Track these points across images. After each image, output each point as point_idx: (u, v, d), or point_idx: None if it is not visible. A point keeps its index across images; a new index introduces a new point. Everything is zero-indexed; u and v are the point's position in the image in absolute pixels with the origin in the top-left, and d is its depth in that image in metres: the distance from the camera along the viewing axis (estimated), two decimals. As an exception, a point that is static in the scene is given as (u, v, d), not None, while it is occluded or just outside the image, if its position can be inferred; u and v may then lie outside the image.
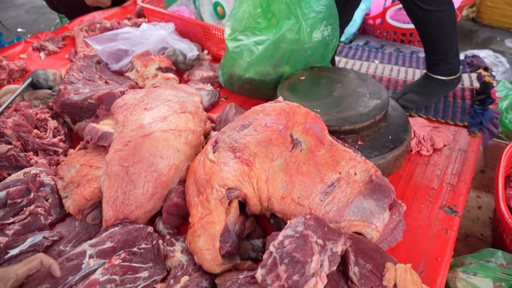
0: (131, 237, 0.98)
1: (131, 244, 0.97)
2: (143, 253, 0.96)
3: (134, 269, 0.91)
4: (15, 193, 1.08)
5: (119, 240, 0.96)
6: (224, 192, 0.95)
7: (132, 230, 0.99)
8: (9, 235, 1.02)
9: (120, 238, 0.97)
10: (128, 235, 0.98)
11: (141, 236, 0.99)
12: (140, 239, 0.99)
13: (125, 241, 0.97)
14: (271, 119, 1.07)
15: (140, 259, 0.95)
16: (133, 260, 0.93)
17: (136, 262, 0.93)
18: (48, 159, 1.27)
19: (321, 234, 0.81)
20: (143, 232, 1.00)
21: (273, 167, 1.02)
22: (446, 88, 1.57)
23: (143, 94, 1.26)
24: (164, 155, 1.06)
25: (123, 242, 0.96)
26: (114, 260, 0.89)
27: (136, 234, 0.99)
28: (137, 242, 0.98)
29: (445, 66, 1.51)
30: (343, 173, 1.04)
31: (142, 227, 1.00)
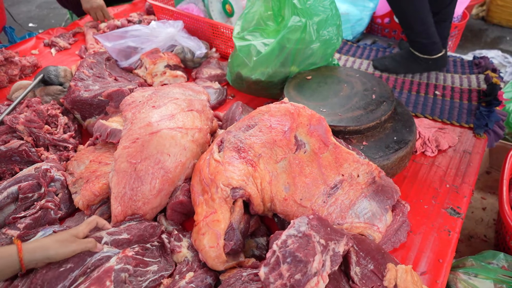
0: (147, 233, 1.01)
1: (146, 239, 1.00)
2: (154, 250, 1.00)
3: (145, 262, 0.95)
4: (27, 188, 1.11)
5: (135, 234, 0.99)
6: (229, 192, 0.97)
7: (149, 227, 1.03)
8: (21, 229, 1.05)
9: (137, 232, 1.00)
10: (145, 231, 1.01)
11: (155, 233, 1.03)
12: (154, 236, 1.02)
13: (141, 236, 1.00)
14: (276, 120, 1.09)
15: (151, 254, 0.98)
16: (145, 254, 0.97)
17: (148, 257, 0.97)
18: (59, 154, 1.29)
19: (324, 234, 0.83)
20: (157, 230, 1.04)
21: (277, 169, 1.04)
22: (419, 65, 1.76)
23: (151, 92, 1.28)
24: (171, 153, 1.08)
25: (139, 237, 0.99)
26: (128, 252, 0.93)
27: (152, 231, 1.03)
28: (151, 238, 1.02)
29: (412, 43, 1.71)
30: (346, 175, 1.05)
31: (157, 225, 1.04)
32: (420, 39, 1.65)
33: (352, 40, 2.10)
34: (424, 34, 1.63)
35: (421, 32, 1.62)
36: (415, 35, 1.65)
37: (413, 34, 1.66)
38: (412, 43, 1.71)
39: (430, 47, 1.68)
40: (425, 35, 1.63)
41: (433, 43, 1.66)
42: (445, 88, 1.69)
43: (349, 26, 2.06)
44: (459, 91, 1.66)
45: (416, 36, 1.65)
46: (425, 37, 1.64)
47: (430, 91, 1.68)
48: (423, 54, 1.71)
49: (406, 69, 1.78)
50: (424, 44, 1.67)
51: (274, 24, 1.53)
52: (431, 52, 1.71)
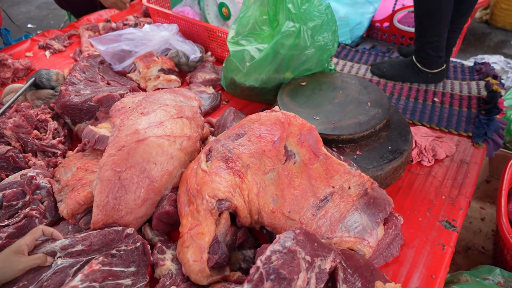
0: (107, 240, 0.95)
1: (108, 246, 0.94)
2: (123, 255, 0.93)
3: (114, 274, 0.88)
4: (11, 196, 1.09)
5: (92, 243, 0.93)
6: (214, 203, 0.94)
7: (107, 232, 0.96)
8: (3, 238, 1.02)
9: (93, 240, 0.94)
10: (103, 237, 0.95)
11: (119, 238, 0.96)
12: (118, 241, 0.95)
13: (100, 244, 0.94)
14: (266, 129, 1.06)
15: (120, 261, 0.92)
16: (112, 263, 0.90)
17: (117, 265, 0.90)
18: (47, 160, 1.27)
19: (310, 250, 0.80)
20: (121, 234, 0.96)
21: (265, 180, 1.01)
22: (417, 76, 1.73)
23: (142, 98, 1.26)
24: (158, 161, 1.05)
25: (97, 245, 0.93)
26: (94, 265, 0.86)
27: (112, 236, 0.96)
28: (115, 244, 0.95)
29: (417, 53, 1.66)
30: (336, 187, 1.02)
31: (120, 229, 0.97)
32: (428, 50, 1.61)
33: (350, 44, 2.07)
34: (434, 46, 1.59)
35: (432, 43, 1.58)
36: (425, 45, 1.60)
37: (423, 43, 1.61)
38: (417, 52, 1.67)
39: (435, 60, 1.65)
40: (435, 47, 1.59)
41: (438, 57, 1.63)
42: (444, 95, 1.66)
43: (348, 30, 2.03)
44: (458, 98, 1.63)
45: (425, 46, 1.61)
46: (434, 49, 1.60)
47: (429, 98, 1.64)
48: (424, 67, 1.68)
49: (403, 78, 1.75)
50: (430, 56, 1.63)
51: (269, 29, 1.50)
52: (433, 66, 1.67)
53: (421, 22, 1.59)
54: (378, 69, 1.79)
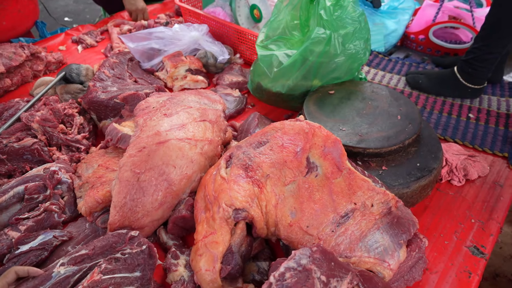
0: (109, 243, 0.92)
1: (112, 250, 0.91)
2: (128, 259, 0.90)
3: (117, 282, 0.85)
4: (33, 189, 1.10)
5: (95, 247, 0.91)
6: (231, 213, 0.92)
7: (110, 236, 0.93)
8: (22, 231, 1.03)
9: (97, 244, 0.92)
10: (105, 241, 0.93)
11: (122, 241, 0.93)
12: (121, 243, 0.92)
13: (103, 248, 0.91)
14: (288, 139, 1.03)
15: (124, 266, 0.89)
16: (116, 269, 0.87)
17: (120, 271, 0.88)
18: (70, 155, 1.28)
19: (326, 269, 0.77)
20: (125, 237, 0.93)
21: (285, 192, 0.98)
22: (454, 90, 1.64)
23: (166, 98, 1.25)
24: (177, 165, 1.04)
25: (100, 249, 0.91)
26: (96, 275, 0.84)
27: (115, 239, 0.93)
28: (119, 247, 0.92)
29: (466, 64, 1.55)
30: (358, 203, 0.98)
31: (123, 232, 0.94)
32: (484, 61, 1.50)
33: (384, 53, 2.01)
34: (491, 59, 1.50)
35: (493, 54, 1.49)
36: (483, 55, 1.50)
37: (483, 53, 1.50)
38: (467, 63, 1.55)
39: (483, 75, 1.55)
40: (491, 60, 1.50)
41: (488, 71, 1.54)
42: (480, 111, 1.58)
43: (382, 37, 1.97)
44: (495, 115, 1.55)
45: (482, 57, 1.50)
46: (490, 62, 1.51)
47: (464, 113, 1.57)
48: (466, 81, 1.58)
49: (438, 91, 1.67)
50: (481, 69, 1.53)
51: (299, 35, 1.47)
52: (477, 81, 1.57)
53: (493, 29, 1.46)
54: (413, 80, 1.72)
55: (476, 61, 1.53)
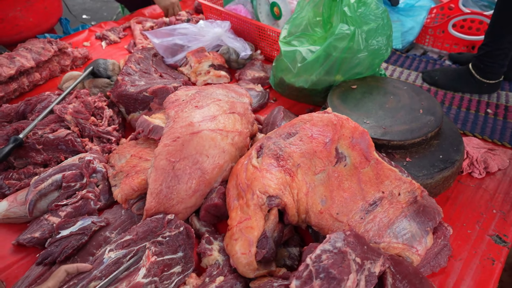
0: (150, 228, 0.99)
1: (153, 234, 0.98)
2: (169, 241, 0.97)
3: (168, 264, 0.94)
4: (70, 177, 1.15)
5: (137, 232, 0.98)
6: (265, 199, 0.96)
7: (149, 221, 1.00)
8: (62, 217, 1.08)
9: (138, 229, 0.98)
10: (146, 225, 0.99)
11: (161, 225, 1.00)
12: (161, 227, 0.99)
13: (144, 232, 0.98)
14: (317, 130, 1.07)
15: (168, 248, 0.96)
16: (163, 251, 0.95)
17: (166, 253, 0.95)
18: (102, 146, 1.33)
19: (360, 252, 0.80)
20: (163, 221, 1.00)
21: (315, 180, 1.02)
22: (471, 86, 1.67)
23: (195, 92, 1.29)
24: (210, 154, 1.08)
25: (143, 233, 0.98)
26: (151, 257, 0.92)
27: (154, 224, 1.00)
28: (159, 231, 0.99)
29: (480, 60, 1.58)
30: (386, 192, 1.02)
31: (160, 216, 1.01)
32: (494, 57, 1.54)
33: (401, 50, 2.04)
34: (502, 54, 1.53)
35: (502, 50, 1.52)
36: (493, 51, 1.53)
37: (493, 49, 1.53)
38: (480, 59, 1.59)
39: (496, 70, 1.58)
40: (503, 55, 1.53)
41: (501, 66, 1.57)
42: (498, 106, 1.60)
43: (399, 34, 1.99)
44: (513, 111, 1.57)
45: (493, 53, 1.53)
46: (501, 58, 1.54)
47: (482, 108, 1.59)
48: (481, 76, 1.62)
49: (455, 88, 1.70)
50: (493, 65, 1.56)
51: (322, 31, 1.51)
52: (492, 76, 1.61)
53: (501, 24, 1.49)
54: (430, 77, 1.75)
55: (486, 57, 1.57)
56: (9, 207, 1.13)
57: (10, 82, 1.60)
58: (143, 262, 0.92)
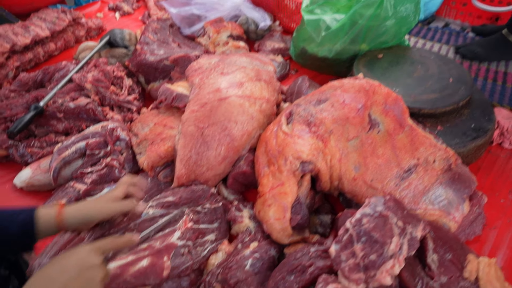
0: (195, 196, 0.99)
1: (194, 202, 0.98)
2: (207, 213, 0.98)
3: (203, 232, 0.94)
4: (94, 145, 1.13)
5: (181, 197, 0.98)
6: (298, 165, 0.93)
7: (196, 189, 1.01)
8: (87, 184, 1.07)
9: (183, 194, 0.99)
10: (192, 193, 1.00)
11: (204, 196, 1.00)
12: (203, 198, 1.00)
13: (188, 199, 0.98)
14: (349, 96, 1.04)
15: (205, 218, 0.97)
16: (200, 220, 0.96)
17: (203, 222, 0.96)
18: (123, 115, 1.31)
19: (401, 216, 0.78)
20: (207, 193, 1.01)
21: (348, 147, 0.99)
22: None
23: (218, 60, 1.26)
24: (239, 121, 1.06)
25: (186, 199, 0.98)
26: (188, 223, 0.92)
27: (199, 193, 1.00)
28: (201, 201, 1.00)
29: None
30: (421, 159, 0.99)
31: (206, 188, 1.02)
32: None
33: (422, 21, 1.98)
34: None
35: None
36: None
37: None
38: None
39: None
40: None
41: None
42: (525, 78, 1.56)
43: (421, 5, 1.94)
44: (541, 83, 1.53)
45: None
46: None
47: (509, 80, 1.55)
48: None
49: (499, 56, 1.63)
50: None
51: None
52: None
53: None
54: (469, 51, 1.67)
55: None
56: (33, 175, 1.11)
57: (25, 52, 1.57)
58: (179, 226, 0.91)
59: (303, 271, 0.80)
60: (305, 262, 0.81)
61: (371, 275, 0.71)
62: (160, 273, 0.82)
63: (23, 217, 0.76)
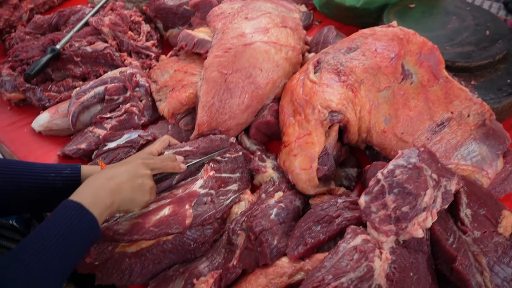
0: (213, 145, 0.97)
1: (212, 152, 0.96)
2: (228, 162, 0.96)
3: (225, 181, 0.92)
4: (113, 90, 1.09)
5: (199, 146, 0.95)
6: (327, 114, 0.89)
7: (214, 138, 0.98)
8: (107, 129, 1.04)
9: (201, 144, 0.96)
10: (210, 142, 0.97)
11: (223, 146, 0.98)
12: (223, 148, 0.98)
13: (206, 148, 0.96)
14: (382, 45, 0.98)
15: (227, 167, 0.95)
16: (221, 169, 0.94)
17: (225, 171, 0.94)
18: (141, 62, 1.26)
19: (435, 169, 0.75)
20: (225, 143, 0.98)
21: (379, 98, 0.95)
22: None
23: (241, 5, 1.20)
24: (264, 68, 1.01)
25: (204, 149, 0.96)
26: (210, 171, 0.90)
27: (218, 143, 0.98)
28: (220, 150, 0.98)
29: None
30: (455, 113, 0.95)
31: (225, 137, 0.99)
32: None
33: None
34: None
35: None
36: None
37: None
38: None
39: None
40: None
41: None
42: None
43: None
44: None
45: None
46: None
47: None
48: None
49: None
50: None
51: None
52: None
53: None
54: None
55: None
56: (51, 119, 1.09)
57: (39, -6, 1.51)
58: (201, 174, 0.89)
59: (330, 221, 0.78)
60: (333, 213, 0.79)
61: (402, 227, 0.69)
62: (183, 222, 0.81)
63: (69, 172, 0.77)
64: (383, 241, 0.70)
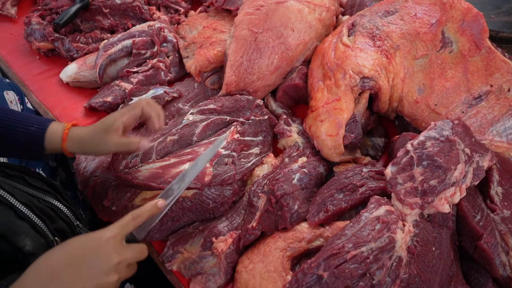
0: (238, 106, 0.95)
1: (238, 113, 0.95)
2: (252, 124, 0.95)
3: (248, 144, 0.91)
4: (140, 44, 1.08)
5: (223, 105, 0.94)
6: (358, 80, 0.86)
7: (239, 99, 0.96)
8: (133, 83, 1.04)
9: (225, 103, 0.95)
10: (235, 102, 0.96)
11: (249, 107, 0.96)
12: (248, 109, 0.96)
13: (230, 108, 0.95)
14: (422, 9, 0.93)
15: (250, 130, 0.93)
16: (245, 132, 0.92)
17: (248, 134, 0.92)
18: (170, 17, 1.24)
19: (469, 144, 0.72)
20: (252, 103, 0.97)
21: (414, 66, 0.91)
22: None
23: (275, -40, 1.14)
24: (296, 28, 0.97)
25: (228, 108, 0.94)
26: (235, 135, 0.89)
27: (243, 104, 0.96)
28: (244, 112, 0.96)
29: None
30: (495, 86, 0.90)
31: (251, 98, 0.98)
32: None
33: None
34: None
35: None
36: None
37: None
38: None
39: None
40: None
41: None
42: None
43: None
44: None
45: None
46: None
47: None
48: None
49: None
50: None
51: None
52: None
53: None
54: None
55: None
56: (78, 70, 1.09)
57: None
58: (225, 136, 0.88)
59: (354, 190, 0.77)
60: (357, 181, 0.77)
61: (428, 200, 0.67)
62: (202, 178, 0.81)
63: (35, 130, 0.74)
64: (407, 213, 0.68)
